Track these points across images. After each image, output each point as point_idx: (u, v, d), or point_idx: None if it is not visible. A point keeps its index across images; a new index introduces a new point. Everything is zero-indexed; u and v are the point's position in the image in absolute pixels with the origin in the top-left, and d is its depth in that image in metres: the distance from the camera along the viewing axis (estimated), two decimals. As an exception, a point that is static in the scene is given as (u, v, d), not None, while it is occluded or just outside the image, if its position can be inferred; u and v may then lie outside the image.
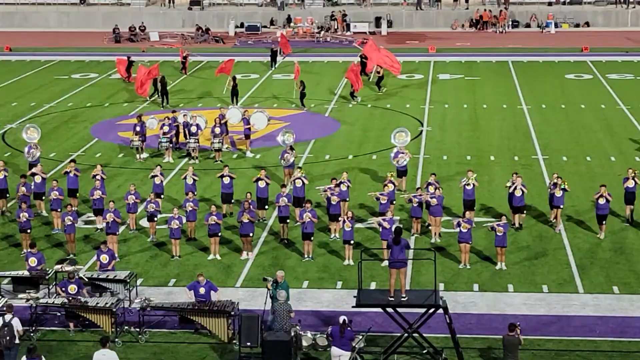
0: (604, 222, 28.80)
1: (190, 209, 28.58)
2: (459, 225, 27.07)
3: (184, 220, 28.39)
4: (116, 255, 27.05)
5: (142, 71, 47.17)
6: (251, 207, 28.18)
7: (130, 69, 51.63)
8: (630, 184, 29.12)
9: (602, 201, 28.60)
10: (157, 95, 47.61)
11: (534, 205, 30.27)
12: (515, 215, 29.60)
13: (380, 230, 27.32)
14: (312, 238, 27.72)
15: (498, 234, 26.69)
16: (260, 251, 28.20)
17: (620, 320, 23.60)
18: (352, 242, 27.34)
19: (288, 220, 28.98)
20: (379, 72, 49.77)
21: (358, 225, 29.00)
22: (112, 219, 27.66)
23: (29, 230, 28.36)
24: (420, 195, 29.31)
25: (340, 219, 28.41)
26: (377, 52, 50.09)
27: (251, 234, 27.82)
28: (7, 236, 29.52)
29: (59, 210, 29.53)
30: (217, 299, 23.34)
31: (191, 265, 27.15)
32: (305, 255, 27.64)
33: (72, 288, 23.58)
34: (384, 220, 27.19)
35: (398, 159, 32.76)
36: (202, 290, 23.32)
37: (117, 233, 28.02)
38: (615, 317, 23.77)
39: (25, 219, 28.18)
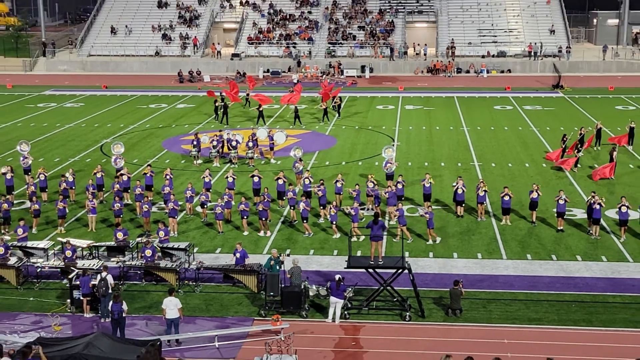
0: (508, 214, 28.59)
1: (227, 200, 28.41)
2: (402, 212, 26.59)
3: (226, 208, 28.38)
4: (172, 232, 26.93)
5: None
6: (266, 198, 28.07)
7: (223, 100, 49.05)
8: (534, 195, 28.40)
9: (506, 198, 28.48)
10: (220, 116, 47.31)
11: (472, 199, 30.16)
12: (457, 206, 29.53)
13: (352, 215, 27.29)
14: (307, 220, 27.62)
15: (427, 219, 26.59)
16: (279, 229, 28.15)
17: (532, 278, 23.64)
18: (335, 222, 27.28)
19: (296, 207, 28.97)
20: (339, 101, 49.84)
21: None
22: (172, 207, 27.58)
23: (121, 215, 28.29)
24: (376, 190, 29.31)
25: (329, 206, 28.29)
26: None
27: (264, 218, 27.65)
28: (104, 219, 29.49)
29: (141, 201, 29.38)
30: (249, 262, 23.37)
31: (231, 238, 27.12)
32: (306, 233, 27.50)
33: (148, 252, 23.66)
34: (351, 208, 27.18)
35: (387, 167, 32.69)
36: (238, 255, 23.32)
37: (176, 217, 27.84)
38: (528, 276, 23.80)
39: (117, 208, 28.11)
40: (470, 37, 74.55)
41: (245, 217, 27.67)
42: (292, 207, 28.79)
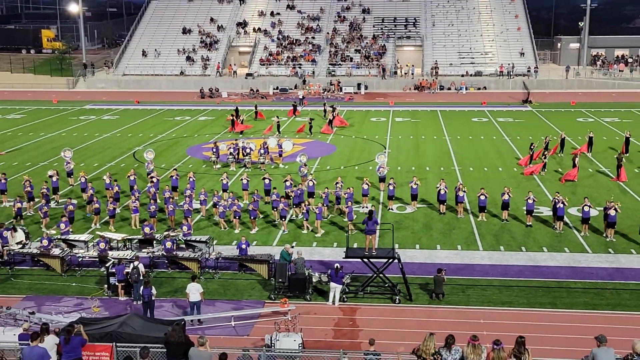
0: (483, 211, 28.49)
1: (230, 202, 27.88)
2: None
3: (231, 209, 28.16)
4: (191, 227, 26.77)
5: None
6: (256, 199, 27.67)
7: (238, 115, 49.12)
8: (506, 197, 28.09)
9: (482, 198, 28.39)
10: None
11: (453, 198, 30.05)
12: (440, 205, 29.50)
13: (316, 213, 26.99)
14: (285, 219, 27.22)
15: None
16: (288, 227, 28.04)
17: (504, 267, 23.58)
18: (307, 219, 27.04)
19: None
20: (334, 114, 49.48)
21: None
22: (187, 208, 27.38)
23: (155, 216, 27.75)
24: (338, 191, 29.00)
25: (302, 205, 28.04)
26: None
27: (252, 217, 27.28)
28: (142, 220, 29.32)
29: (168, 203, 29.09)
30: (254, 252, 23.25)
31: (244, 233, 27.02)
32: (283, 230, 26.96)
33: (168, 244, 23.63)
34: (316, 208, 26.86)
35: (380, 171, 32.64)
36: (243, 247, 23.23)
37: (190, 216, 27.26)
38: (501, 265, 23.74)
39: (152, 210, 27.82)
40: (451, 58, 74.54)
41: (237, 217, 27.31)
42: (274, 209, 28.11)
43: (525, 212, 28.16)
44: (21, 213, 28.25)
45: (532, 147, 37.80)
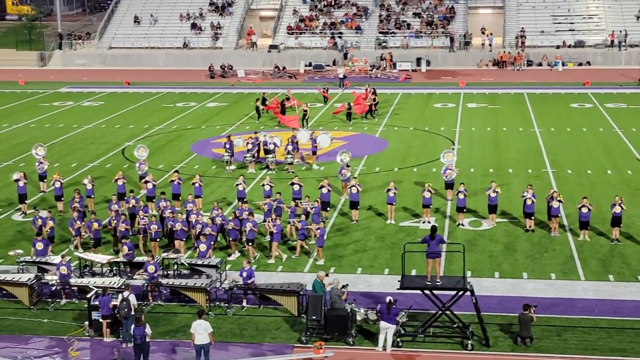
0: (586, 228, 28.22)
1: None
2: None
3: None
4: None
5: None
6: (238, 215, 27.56)
7: (266, 102, 49.89)
8: (617, 209, 27.75)
9: (584, 210, 28.02)
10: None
11: (544, 211, 29.71)
12: (527, 219, 29.27)
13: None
14: (252, 243, 27.05)
15: (317, 236, 26.50)
16: (326, 244, 28.11)
17: (615, 302, 23.33)
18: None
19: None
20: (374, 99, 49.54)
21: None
22: (180, 228, 27.23)
23: (158, 239, 27.70)
24: (306, 203, 28.85)
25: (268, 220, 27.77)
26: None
27: (230, 238, 27.38)
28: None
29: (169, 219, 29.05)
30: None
31: (262, 258, 27.23)
32: (251, 258, 26.82)
33: (151, 268, 23.71)
34: (274, 226, 26.73)
35: (447, 174, 32.45)
36: (244, 274, 23.28)
37: (184, 239, 27.33)
38: (611, 300, 23.48)
39: (155, 230, 27.49)
40: (542, 24, 73.91)
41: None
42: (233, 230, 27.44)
43: (643, 230, 27.83)
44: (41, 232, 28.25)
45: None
